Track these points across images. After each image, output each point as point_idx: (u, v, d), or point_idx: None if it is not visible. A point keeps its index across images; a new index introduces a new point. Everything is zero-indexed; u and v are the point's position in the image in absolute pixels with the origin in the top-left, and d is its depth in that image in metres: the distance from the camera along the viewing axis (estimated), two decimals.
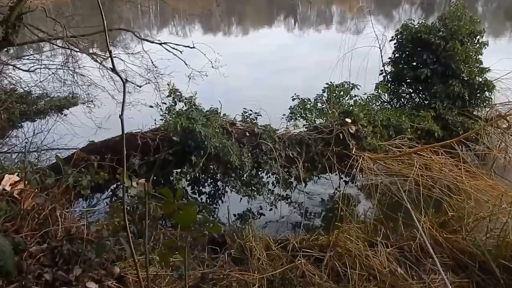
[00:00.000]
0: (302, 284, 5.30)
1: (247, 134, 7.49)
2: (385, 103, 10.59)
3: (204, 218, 4.17)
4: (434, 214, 6.24)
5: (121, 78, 2.42)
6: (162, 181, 6.92)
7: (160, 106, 7.67)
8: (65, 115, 12.06)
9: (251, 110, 8.03)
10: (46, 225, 4.90)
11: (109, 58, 12.63)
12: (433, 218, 6.15)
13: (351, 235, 5.82)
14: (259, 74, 17.96)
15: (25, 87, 12.56)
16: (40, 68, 12.69)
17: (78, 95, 12.96)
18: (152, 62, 13.47)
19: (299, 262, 5.56)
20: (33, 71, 12.62)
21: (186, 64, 13.15)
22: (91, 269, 4.68)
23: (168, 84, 7.79)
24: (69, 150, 7.74)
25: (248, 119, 7.95)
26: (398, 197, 6.45)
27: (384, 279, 5.33)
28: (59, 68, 13.12)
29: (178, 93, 7.60)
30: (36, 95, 12.67)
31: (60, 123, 11.21)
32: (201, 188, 7.31)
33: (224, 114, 7.70)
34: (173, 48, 12.99)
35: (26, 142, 9.44)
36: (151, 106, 7.82)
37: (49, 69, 12.90)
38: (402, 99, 10.74)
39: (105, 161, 6.21)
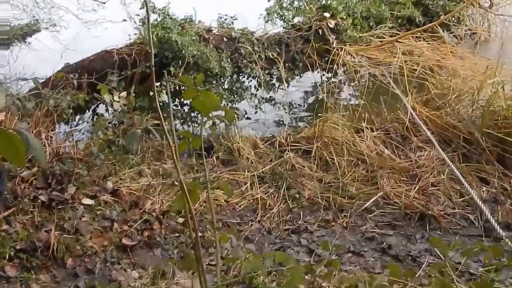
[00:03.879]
0: (292, 176, 5.84)
1: (225, 39, 7.73)
2: None
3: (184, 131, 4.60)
4: (417, 94, 6.78)
5: None
6: (142, 96, 7.28)
7: (133, 19, 7.93)
8: (29, 43, 12.14)
9: (226, 15, 8.22)
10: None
11: None
12: (416, 97, 6.68)
13: (336, 124, 6.36)
14: None
15: None
16: None
17: (40, 20, 12.79)
18: None
19: (287, 156, 6.10)
20: None
21: None
22: (85, 186, 5.16)
23: None
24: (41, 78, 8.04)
25: (224, 24, 8.13)
26: (381, 83, 6.95)
27: (372, 161, 5.90)
28: None
29: (151, 4, 7.82)
30: None
31: (27, 52, 11.33)
32: (182, 100, 7.70)
33: (200, 21, 7.96)
34: None
35: None
36: (124, 20, 8.03)
37: None
38: None
39: (83, 81, 6.61)
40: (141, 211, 5.07)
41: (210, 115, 2.54)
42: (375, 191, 5.59)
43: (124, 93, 6.31)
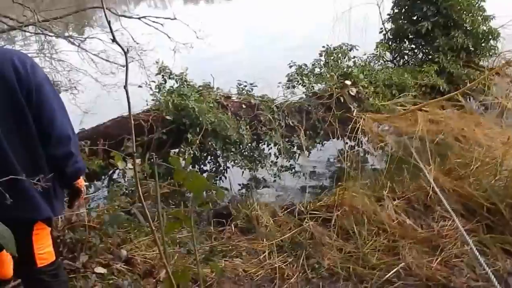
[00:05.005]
0: (312, 246, 5.81)
1: (244, 106, 7.93)
2: (388, 62, 11.07)
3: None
4: (440, 163, 6.80)
5: (121, 47, 2.48)
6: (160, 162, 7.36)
7: (149, 85, 8.11)
8: None
9: (245, 82, 8.46)
10: None
11: (88, 39, 13.06)
12: (438, 167, 6.70)
13: (357, 192, 6.38)
14: (252, 41, 18.42)
15: None
16: None
17: (59, 82, 12.99)
18: (133, 39, 13.64)
19: (307, 224, 6.09)
20: None
21: (169, 37, 13.46)
22: (98, 255, 5.16)
23: (156, 62, 8.21)
24: None
25: (243, 91, 8.37)
26: (403, 152, 6.99)
27: (393, 231, 5.89)
28: (36, 56, 13.13)
29: (167, 70, 8.02)
30: None
31: None
32: (202, 166, 7.80)
33: (218, 88, 8.13)
34: (154, 22, 13.27)
35: None
36: (140, 86, 8.08)
37: None
38: (405, 56, 11.23)
39: (97, 148, 6.70)
40: (155, 280, 5.04)
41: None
42: (396, 262, 5.53)
43: (138, 161, 6.40)
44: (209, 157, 7.80)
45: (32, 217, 3.31)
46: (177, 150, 7.26)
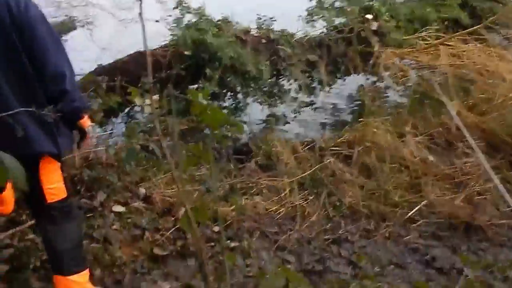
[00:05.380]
0: (333, 183, 5.79)
1: (263, 41, 7.70)
2: None
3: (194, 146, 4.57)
4: (462, 99, 6.68)
5: None
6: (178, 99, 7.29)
7: (166, 19, 7.94)
8: (65, 40, 12.16)
9: (265, 16, 8.21)
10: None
11: None
12: (461, 103, 6.57)
13: (379, 128, 6.31)
14: None
15: None
16: None
17: (75, 18, 12.94)
18: None
19: (327, 161, 6.05)
20: None
21: None
22: (116, 193, 5.12)
23: None
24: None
25: (263, 25, 8.12)
26: (426, 87, 6.85)
27: (416, 168, 5.84)
28: None
29: (185, 4, 7.80)
30: None
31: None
32: (221, 103, 7.68)
33: (237, 22, 7.92)
34: None
35: None
36: (157, 21, 7.95)
37: None
38: None
39: (114, 84, 6.58)
40: (174, 218, 5.02)
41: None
42: (418, 200, 5.51)
43: (156, 96, 6.29)
44: (228, 93, 7.69)
45: (33, 151, 3.30)
46: (195, 86, 7.14)
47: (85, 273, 3.74)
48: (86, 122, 3.60)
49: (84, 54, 9.47)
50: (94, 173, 5.13)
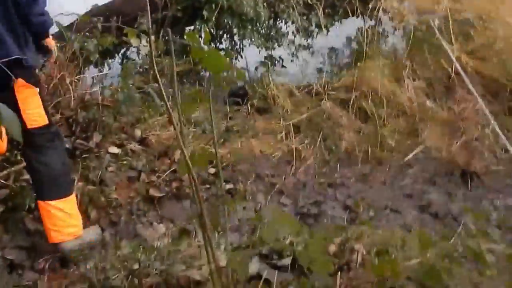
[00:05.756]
0: (329, 127, 5.78)
1: None
2: None
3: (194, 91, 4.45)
4: (462, 44, 6.57)
5: None
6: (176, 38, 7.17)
7: None
8: None
9: None
10: (57, 95, 5.20)
11: None
12: (461, 47, 6.47)
13: (376, 73, 6.22)
14: None
15: None
16: None
17: None
18: None
19: (324, 105, 6.01)
20: None
21: None
22: (111, 135, 5.10)
23: None
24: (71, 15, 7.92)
25: None
26: (425, 31, 6.74)
27: (413, 113, 5.82)
28: None
29: None
30: None
31: None
32: (217, 44, 7.60)
33: None
34: None
35: None
36: None
37: None
38: None
39: (111, 24, 6.50)
40: (170, 161, 5.02)
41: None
42: (415, 145, 5.51)
43: (152, 37, 6.20)
44: (225, 35, 7.60)
45: (6, 55, 3.34)
46: (192, 27, 7.03)
47: (68, 200, 3.78)
48: (50, 41, 3.74)
49: None
50: (90, 114, 5.09)
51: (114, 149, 4.97)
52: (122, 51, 7.30)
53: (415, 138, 5.61)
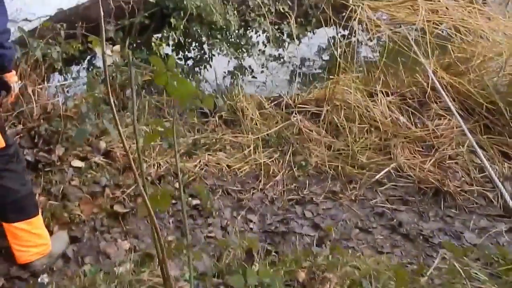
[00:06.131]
0: (299, 141, 5.64)
1: None
2: None
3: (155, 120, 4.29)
4: (438, 57, 6.46)
5: None
6: (141, 48, 7.04)
7: None
8: None
9: None
10: (19, 105, 5.04)
11: None
12: (437, 61, 6.38)
13: (349, 86, 6.11)
14: None
15: None
16: None
17: None
18: None
19: (294, 118, 5.88)
20: None
21: None
22: (75, 147, 4.93)
23: None
24: (39, 19, 7.72)
25: None
26: (401, 44, 6.63)
27: (386, 129, 5.69)
28: None
29: None
30: None
31: None
32: (186, 53, 7.47)
33: None
34: None
35: None
36: None
37: None
38: None
39: (76, 29, 6.36)
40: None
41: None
42: (387, 162, 5.39)
43: (117, 47, 6.01)
44: (193, 43, 7.44)
45: None
46: (159, 35, 6.88)
47: (34, 221, 3.66)
48: (11, 76, 3.43)
49: None
50: (53, 125, 4.91)
51: (77, 163, 4.81)
52: (88, 57, 7.12)
53: (387, 155, 5.49)
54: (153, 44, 6.60)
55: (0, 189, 3.50)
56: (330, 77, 6.37)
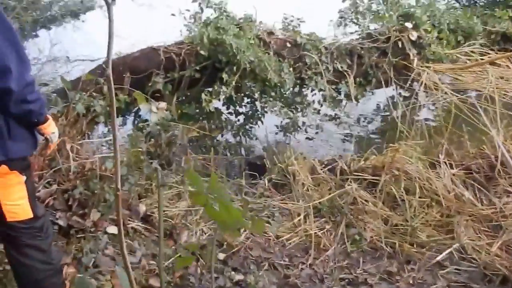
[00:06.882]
0: (353, 212, 5.38)
1: (288, 44, 7.29)
2: (453, 1, 10.33)
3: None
4: (507, 128, 6.18)
5: None
6: (190, 102, 6.91)
7: (183, 13, 7.52)
8: (82, 21, 11.85)
9: (292, 16, 7.82)
10: (56, 162, 4.90)
11: None
12: (506, 131, 6.11)
13: (409, 155, 5.85)
14: None
15: None
16: None
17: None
18: None
19: (349, 187, 5.61)
20: None
21: None
22: (111, 211, 4.65)
23: None
24: (94, 61, 7.68)
25: (289, 26, 7.75)
26: (467, 111, 6.36)
27: (449, 204, 5.38)
28: None
29: None
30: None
31: (77, 31, 11.09)
32: (237, 108, 7.33)
33: (261, 22, 7.50)
34: None
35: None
36: (172, 14, 7.52)
37: None
38: None
39: (124, 80, 6.31)
40: (175, 244, 4.64)
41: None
42: (449, 242, 5.06)
43: (163, 104, 5.82)
44: (245, 99, 7.30)
45: None
46: (210, 89, 6.74)
47: None
48: (47, 128, 3.25)
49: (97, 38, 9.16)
50: (89, 188, 4.70)
51: (113, 229, 4.52)
52: (135, 109, 7.04)
53: (450, 234, 5.16)
54: (203, 99, 6.48)
55: (23, 268, 3.27)
56: (390, 146, 6.08)
